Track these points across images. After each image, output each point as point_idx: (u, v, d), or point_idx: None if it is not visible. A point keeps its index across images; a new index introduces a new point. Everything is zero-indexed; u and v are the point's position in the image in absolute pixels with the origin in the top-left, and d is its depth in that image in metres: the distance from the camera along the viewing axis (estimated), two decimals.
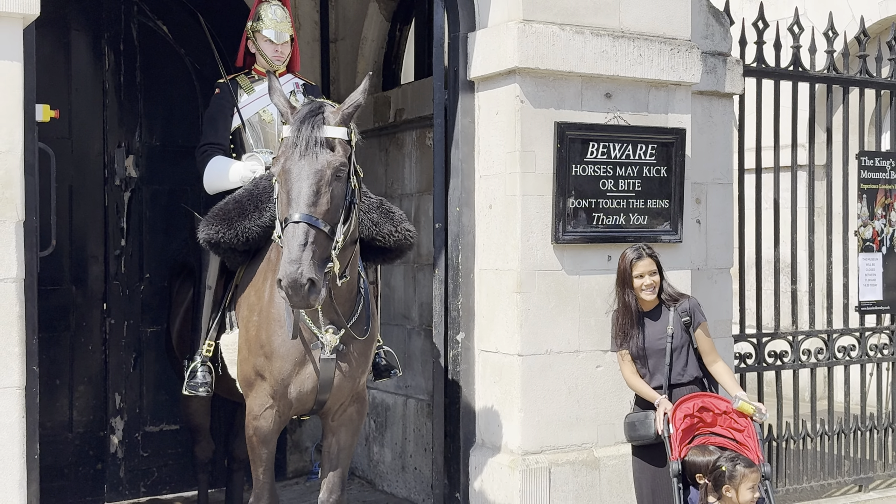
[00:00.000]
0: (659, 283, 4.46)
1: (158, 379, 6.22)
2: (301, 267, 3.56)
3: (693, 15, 5.37)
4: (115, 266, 6.19)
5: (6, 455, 3.80)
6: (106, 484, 6.12)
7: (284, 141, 3.84)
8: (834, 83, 6.40)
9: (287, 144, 3.80)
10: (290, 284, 3.55)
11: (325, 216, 3.69)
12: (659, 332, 4.45)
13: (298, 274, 3.55)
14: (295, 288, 3.55)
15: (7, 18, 3.80)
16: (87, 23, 6.11)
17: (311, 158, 3.73)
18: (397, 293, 6.42)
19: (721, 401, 4.36)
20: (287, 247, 3.62)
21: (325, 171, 3.73)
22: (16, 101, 3.84)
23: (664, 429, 4.26)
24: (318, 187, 3.70)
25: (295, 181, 3.72)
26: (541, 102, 4.84)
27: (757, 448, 4.29)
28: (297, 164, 3.74)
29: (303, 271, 3.56)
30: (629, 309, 4.45)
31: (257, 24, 5.00)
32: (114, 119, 6.20)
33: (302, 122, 3.80)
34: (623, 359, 4.50)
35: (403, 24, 6.67)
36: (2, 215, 3.81)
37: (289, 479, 6.53)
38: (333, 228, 3.73)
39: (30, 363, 3.92)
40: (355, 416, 4.40)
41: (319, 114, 3.83)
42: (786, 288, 6.47)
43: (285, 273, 3.57)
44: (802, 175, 6.35)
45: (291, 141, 3.79)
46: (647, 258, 4.42)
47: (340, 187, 3.79)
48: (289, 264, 3.57)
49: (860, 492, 6.33)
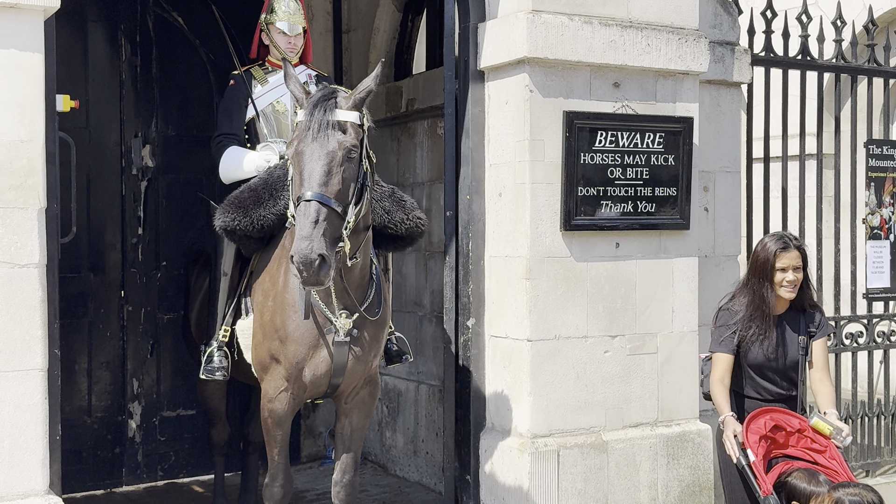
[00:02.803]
0: (801, 281, 4.04)
1: (175, 365, 6.32)
2: (312, 244, 3.64)
3: (701, 4, 5.41)
4: (132, 254, 6.29)
5: (30, 436, 3.89)
6: (124, 468, 6.24)
7: (299, 125, 3.94)
8: (842, 72, 6.43)
9: (301, 128, 3.90)
10: (301, 260, 3.63)
11: (336, 196, 3.78)
12: (790, 339, 4.09)
13: (309, 250, 3.63)
14: (306, 264, 3.63)
15: (28, 11, 3.88)
16: (103, 14, 6.19)
17: (323, 140, 3.83)
18: (409, 280, 6.51)
19: (793, 417, 4.00)
20: (299, 224, 3.71)
21: (336, 152, 3.82)
22: (37, 92, 3.92)
23: (739, 456, 3.85)
24: (329, 167, 3.80)
25: (307, 162, 3.81)
26: (550, 92, 4.91)
27: (848, 472, 3.84)
28: (309, 145, 3.83)
29: (314, 248, 3.63)
30: (764, 306, 4.01)
31: (271, 17, 5.08)
32: (130, 109, 6.29)
33: (315, 106, 3.90)
34: (719, 361, 4.10)
35: (415, 14, 6.73)
36: (24, 203, 3.89)
37: (303, 463, 6.63)
38: (345, 208, 3.81)
39: (51, 347, 4.01)
40: (368, 399, 4.49)
41: (332, 98, 3.93)
42: None
43: (297, 249, 3.64)
44: (811, 163, 6.38)
45: (305, 124, 3.88)
46: (794, 250, 4.00)
47: (352, 169, 3.87)
48: (300, 240, 3.66)
49: (867, 476, 6.38)
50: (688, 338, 5.32)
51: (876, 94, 6.67)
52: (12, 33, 3.86)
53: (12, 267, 3.87)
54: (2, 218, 3.85)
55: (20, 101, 3.88)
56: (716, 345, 4.17)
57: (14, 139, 3.87)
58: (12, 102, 3.86)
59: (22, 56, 3.88)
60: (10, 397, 3.86)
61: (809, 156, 6.36)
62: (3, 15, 3.84)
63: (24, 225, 3.89)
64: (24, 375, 3.89)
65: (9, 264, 3.86)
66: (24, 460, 3.88)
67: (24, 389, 3.88)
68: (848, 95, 6.54)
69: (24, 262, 3.89)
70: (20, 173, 3.88)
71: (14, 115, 3.87)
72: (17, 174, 3.88)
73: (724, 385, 4.10)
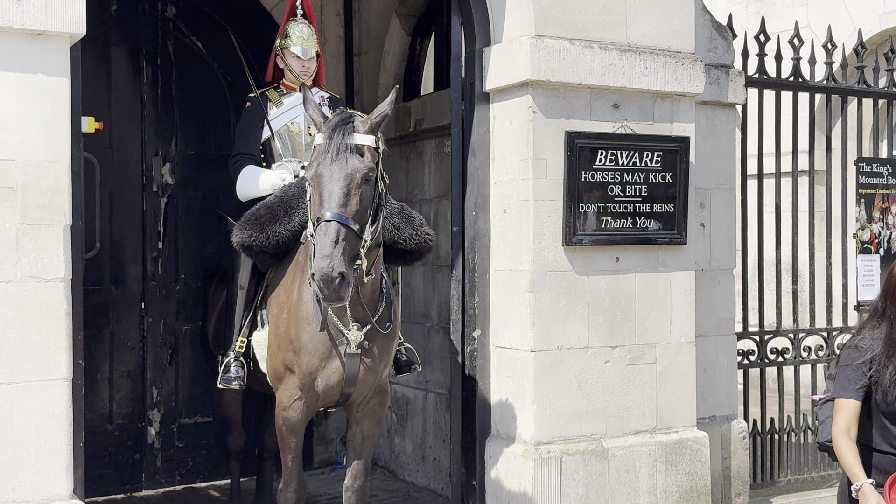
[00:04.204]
0: None
1: (193, 374, 6.33)
2: (332, 262, 3.68)
3: (697, 29, 5.45)
4: (152, 267, 6.31)
5: (55, 442, 3.91)
6: (143, 473, 6.24)
7: (317, 148, 3.97)
8: (833, 93, 6.46)
9: (320, 151, 3.93)
10: (322, 278, 3.66)
11: (354, 216, 3.82)
12: None
13: (330, 269, 3.67)
14: (327, 281, 3.66)
15: (56, 38, 3.92)
16: (126, 39, 6.23)
17: (342, 163, 3.86)
18: (417, 293, 6.52)
19: None
20: (320, 244, 3.74)
21: (355, 175, 3.86)
22: (63, 115, 3.95)
23: None
24: (348, 189, 3.83)
25: (327, 184, 3.85)
26: (552, 113, 4.94)
27: None
28: (329, 168, 3.87)
29: (334, 266, 3.67)
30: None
31: (285, 42, 5.12)
32: (151, 129, 6.32)
33: (334, 130, 3.93)
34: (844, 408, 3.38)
35: (423, 38, 6.77)
36: (51, 220, 3.91)
37: (315, 469, 6.63)
38: (362, 228, 3.85)
39: (76, 357, 4.03)
40: (378, 408, 4.51)
41: (350, 123, 3.97)
42: (787, 288, 6.54)
43: (318, 268, 3.68)
44: (803, 180, 6.41)
45: (324, 147, 3.92)
46: None
47: (369, 190, 3.92)
48: (321, 259, 3.69)
49: None
50: (685, 348, 5.33)
51: (866, 113, 6.69)
52: (40, 59, 3.90)
53: (39, 281, 3.90)
54: (29, 234, 3.88)
55: (47, 123, 3.91)
56: (840, 389, 3.44)
57: (41, 159, 3.90)
58: (40, 124, 3.90)
59: (49, 80, 3.92)
60: (37, 406, 3.88)
61: (802, 173, 6.39)
62: (32, 42, 3.88)
63: (51, 241, 3.92)
64: (50, 385, 3.91)
65: (36, 278, 3.89)
66: (49, 466, 3.90)
67: (49, 398, 3.91)
68: (839, 115, 6.57)
69: (51, 277, 3.92)
70: (47, 192, 3.91)
71: (41, 136, 3.90)
72: (45, 193, 3.91)
73: (850, 438, 3.39)
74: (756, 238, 6.17)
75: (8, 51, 3.85)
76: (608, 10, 5.09)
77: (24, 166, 3.88)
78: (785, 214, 6.28)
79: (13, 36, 3.84)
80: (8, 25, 3.81)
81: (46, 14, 3.86)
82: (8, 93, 3.85)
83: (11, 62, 3.85)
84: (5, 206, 3.85)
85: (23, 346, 3.87)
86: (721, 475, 5.65)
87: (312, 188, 3.95)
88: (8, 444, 3.83)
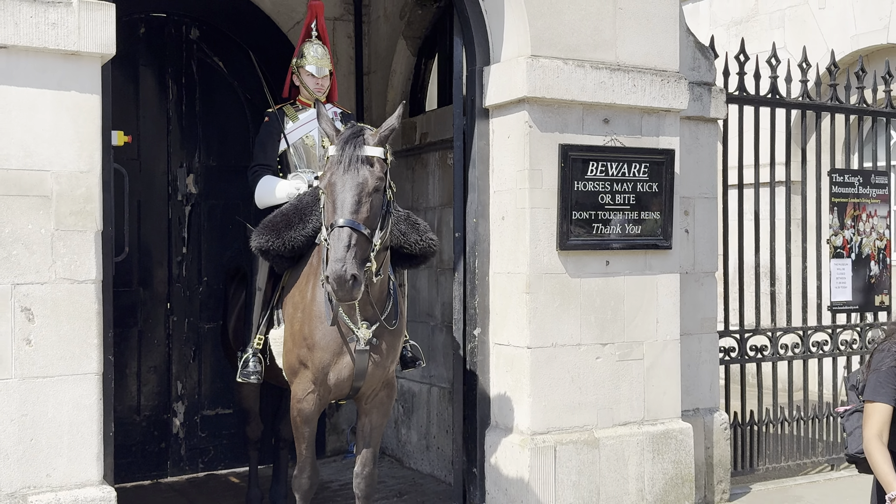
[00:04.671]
0: None
1: (214, 369, 6.34)
2: (345, 265, 3.70)
3: (681, 50, 5.46)
4: (177, 270, 6.32)
5: (86, 432, 3.92)
6: (168, 461, 6.25)
7: (330, 159, 3.98)
8: (808, 109, 6.45)
9: (332, 161, 3.94)
10: (336, 279, 3.69)
11: (365, 222, 3.83)
12: None
13: (343, 271, 3.69)
14: (340, 283, 3.69)
15: (88, 58, 3.94)
16: (153, 59, 6.26)
17: (354, 173, 3.88)
18: (422, 294, 6.53)
19: None
20: (333, 248, 3.76)
21: (365, 184, 3.88)
22: (95, 129, 3.97)
23: None
24: (359, 197, 3.85)
25: (340, 192, 3.86)
26: (547, 127, 4.94)
27: None
28: (341, 177, 3.88)
29: (347, 269, 3.69)
30: None
31: (301, 61, 5.14)
32: (176, 142, 6.34)
33: (346, 142, 3.95)
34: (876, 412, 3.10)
35: (428, 58, 6.77)
36: (83, 226, 3.94)
37: (328, 457, 6.62)
38: (372, 233, 3.87)
39: (106, 353, 4.05)
40: (385, 400, 4.51)
41: (360, 136, 3.98)
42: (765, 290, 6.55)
43: (332, 270, 3.70)
44: (780, 190, 6.40)
45: (336, 158, 3.93)
46: None
47: (378, 198, 3.93)
48: (335, 262, 3.71)
49: (832, 470, 6.37)
50: (671, 346, 5.32)
51: (838, 128, 6.69)
52: (73, 77, 3.92)
53: (72, 283, 3.91)
54: (63, 239, 3.90)
55: (80, 137, 3.93)
56: (872, 393, 3.14)
57: (74, 170, 3.92)
58: (73, 138, 3.92)
59: (81, 97, 3.94)
60: (70, 398, 3.90)
61: (779, 183, 6.38)
62: (66, 61, 3.90)
63: (83, 246, 3.93)
64: (82, 379, 3.92)
65: (69, 280, 3.91)
66: (81, 454, 3.91)
67: (81, 391, 3.92)
68: (813, 129, 6.57)
69: (83, 279, 3.94)
70: (80, 200, 3.93)
71: (74, 149, 3.92)
72: (77, 201, 3.93)
73: (883, 443, 3.11)
74: (737, 243, 6.17)
75: (44, 69, 3.87)
76: (599, 32, 5.09)
77: (58, 176, 3.89)
78: (763, 221, 6.27)
79: (49, 56, 3.87)
80: (44, 46, 3.83)
81: (79, 36, 3.88)
82: (44, 109, 3.87)
83: (47, 80, 3.88)
84: (41, 214, 3.86)
85: (57, 342, 3.88)
86: (704, 463, 5.64)
87: (326, 196, 3.96)
88: (43, 433, 3.84)
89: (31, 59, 3.83)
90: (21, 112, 3.82)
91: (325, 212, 3.97)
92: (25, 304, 3.82)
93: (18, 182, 3.82)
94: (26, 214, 3.83)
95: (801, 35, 9.37)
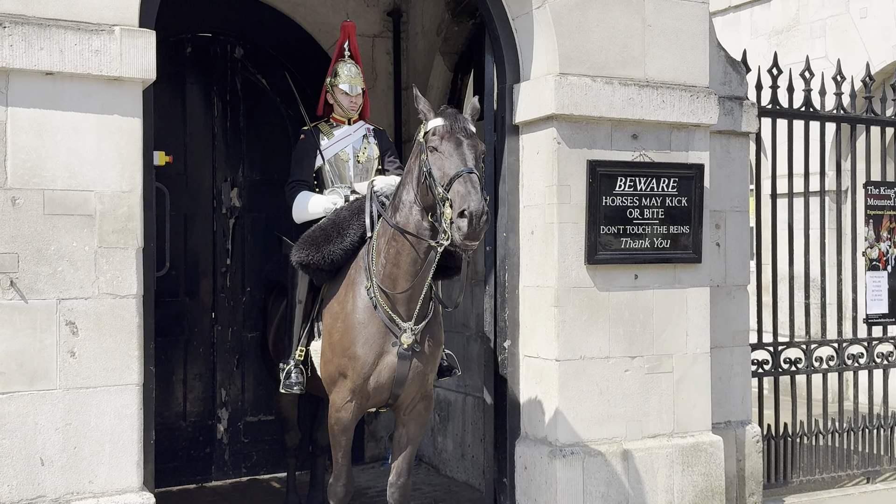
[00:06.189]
0: None
1: (257, 377, 6.44)
2: (482, 202, 3.76)
3: (712, 65, 5.42)
4: (221, 281, 6.45)
5: (127, 441, 4.02)
6: (213, 465, 6.37)
7: (438, 128, 4.02)
8: (842, 122, 6.35)
9: (444, 129, 4.00)
10: (475, 211, 3.71)
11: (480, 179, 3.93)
12: None
13: (482, 204, 3.74)
14: (479, 215, 3.72)
15: (129, 83, 4.05)
16: (199, 78, 6.40)
17: (468, 137, 4.00)
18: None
19: None
20: (465, 188, 3.79)
21: (478, 148, 4.00)
22: (136, 150, 4.08)
23: None
24: (476, 157, 3.97)
25: (458, 149, 3.94)
26: (575, 143, 4.95)
27: None
28: (456, 138, 3.97)
29: (483, 205, 3.75)
30: None
31: (335, 80, 5.21)
32: (221, 158, 6.47)
33: (454, 117, 4.06)
34: None
35: (464, 74, 6.82)
36: (125, 244, 4.04)
37: (366, 464, 6.68)
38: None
39: (146, 364, 4.15)
40: (423, 412, 4.54)
41: (461, 114, 4.12)
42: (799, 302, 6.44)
43: (470, 204, 3.72)
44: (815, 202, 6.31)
45: (448, 126, 4.01)
46: None
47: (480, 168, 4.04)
48: (473, 198, 3.74)
49: (868, 483, 6.25)
50: (700, 359, 5.28)
51: (874, 140, 6.57)
52: (116, 101, 4.02)
53: (114, 298, 4.03)
54: (106, 256, 4.01)
55: (122, 158, 4.04)
56: None
57: (116, 190, 4.04)
58: (115, 159, 4.03)
59: (124, 120, 4.04)
60: (112, 408, 4.00)
61: (813, 194, 6.28)
62: (109, 86, 4.02)
63: (125, 262, 4.04)
64: (123, 389, 4.03)
65: (111, 295, 4.02)
66: (121, 462, 4.01)
67: (123, 401, 4.02)
68: (848, 142, 6.46)
69: (125, 294, 4.05)
70: (122, 219, 4.04)
71: (117, 170, 4.04)
72: (119, 219, 4.04)
73: None
74: (770, 256, 6.09)
75: (88, 94, 3.99)
76: (628, 49, 5.09)
77: (101, 196, 4.01)
78: (797, 233, 6.18)
79: (92, 81, 3.99)
80: (87, 72, 3.96)
81: (121, 62, 4.00)
82: (88, 132, 3.99)
83: (91, 104, 3.99)
84: (85, 232, 3.98)
85: (100, 354, 3.99)
86: (735, 476, 5.58)
87: (443, 155, 3.95)
88: (86, 441, 3.96)
89: (76, 84, 3.96)
90: (66, 135, 3.95)
91: (440, 169, 3.94)
92: (70, 318, 3.95)
93: (64, 202, 3.95)
94: (71, 233, 3.96)
95: (843, 45, 9.21)
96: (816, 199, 6.29)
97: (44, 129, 3.92)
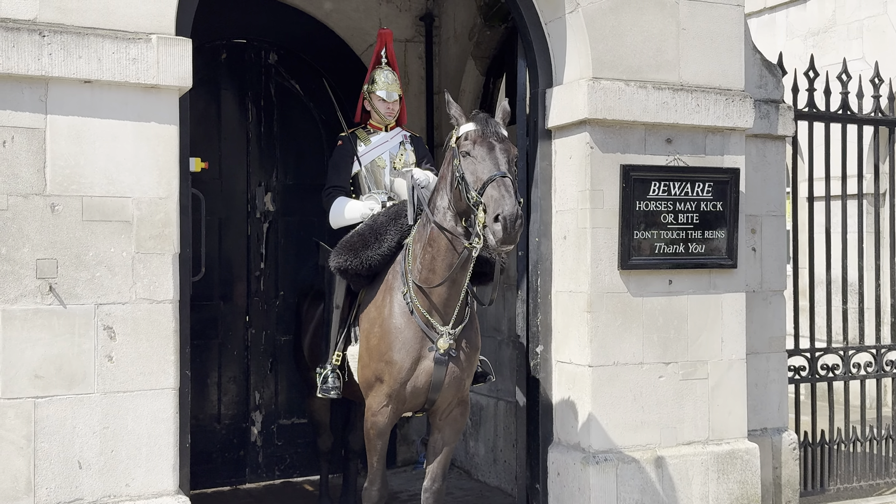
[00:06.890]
0: None
1: (290, 380, 6.44)
2: (517, 205, 3.78)
3: (747, 68, 5.36)
4: (255, 285, 6.47)
5: (163, 444, 4.06)
6: (247, 468, 6.39)
7: (470, 133, 4.04)
8: (880, 125, 6.25)
9: (476, 134, 4.03)
10: (510, 215, 3.73)
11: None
12: None
13: (516, 208, 3.76)
14: (514, 220, 3.74)
15: (166, 91, 4.09)
16: (234, 83, 6.44)
17: (501, 141, 4.02)
18: (490, 309, 6.46)
19: None
20: (499, 192, 3.81)
21: (511, 152, 4.02)
22: (173, 157, 4.12)
23: None
24: (508, 161, 3.98)
25: (491, 153, 3.96)
26: (608, 148, 4.92)
27: None
28: (490, 142, 3.99)
29: (517, 209, 3.77)
30: None
31: (372, 87, 5.21)
32: (255, 163, 6.51)
33: (486, 121, 4.08)
34: None
35: (496, 78, 6.80)
36: (161, 249, 4.08)
37: (398, 467, 6.68)
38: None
39: (182, 368, 4.19)
40: (459, 418, 4.53)
41: (493, 119, 4.14)
42: (837, 307, 6.33)
43: (507, 209, 3.74)
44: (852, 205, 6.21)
45: (480, 131, 4.03)
46: None
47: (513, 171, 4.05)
48: (507, 202, 3.76)
49: None
50: (736, 365, 5.22)
51: None
52: (153, 109, 4.07)
53: (151, 303, 4.07)
54: (143, 262, 4.05)
55: (158, 165, 4.08)
56: None
57: (153, 196, 4.08)
58: (152, 166, 4.07)
59: (160, 128, 4.08)
60: (148, 412, 4.04)
61: (851, 197, 6.18)
62: (146, 94, 4.06)
63: (161, 268, 4.08)
64: (160, 393, 4.07)
65: (148, 300, 4.06)
66: (158, 465, 4.05)
67: (159, 405, 4.06)
68: (886, 144, 6.35)
69: (161, 299, 4.08)
70: (158, 225, 4.08)
71: (154, 176, 4.08)
72: (156, 225, 4.08)
73: None
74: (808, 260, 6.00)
75: (125, 102, 4.03)
76: (661, 53, 5.04)
77: (138, 203, 4.05)
78: (835, 237, 6.09)
79: (130, 89, 4.03)
80: (125, 80, 4.00)
81: (158, 70, 4.04)
82: (125, 139, 4.03)
83: (128, 112, 4.04)
84: (122, 238, 4.03)
85: (136, 359, 4.03)
86: (772, 483, 5.51)
87: (475, 160, 3.97)
88: (123, 445, 4.00)
89: (114, 92, 4.00)
90: (104, 143, 4.00)
91: (474, 174, 3.96)
92: (108, 323, 3.99)
93: (102, 208, 3.99)
94: (109, 239, 4.00)
95: (881, 46, 9.06)
96: (854, 203, 6.18)
97: (82, 136, 3.97)
